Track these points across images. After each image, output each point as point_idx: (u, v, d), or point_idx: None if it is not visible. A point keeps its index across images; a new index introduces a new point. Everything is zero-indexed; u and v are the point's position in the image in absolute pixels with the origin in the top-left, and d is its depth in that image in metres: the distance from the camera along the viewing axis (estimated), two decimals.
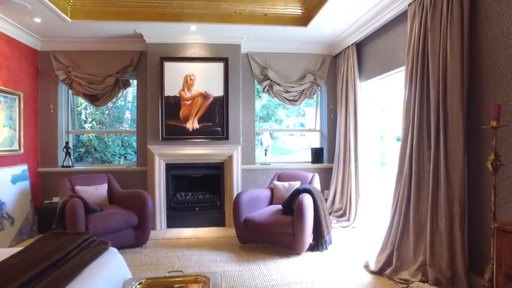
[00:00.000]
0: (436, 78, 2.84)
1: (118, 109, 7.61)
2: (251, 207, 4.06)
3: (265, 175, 5.37)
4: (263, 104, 16.71)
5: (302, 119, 17.74)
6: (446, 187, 2.69)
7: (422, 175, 2.96)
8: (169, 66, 4.75)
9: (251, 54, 5.28)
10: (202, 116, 4.80)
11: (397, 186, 3.20)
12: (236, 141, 4.89)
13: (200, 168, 4.92)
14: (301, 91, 5.35)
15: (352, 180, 4.81)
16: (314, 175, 4.52)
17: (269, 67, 5.28)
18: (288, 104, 5.37)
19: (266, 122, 16.77)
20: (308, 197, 3.70)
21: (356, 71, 4.78)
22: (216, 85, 4.82)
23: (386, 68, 4.12)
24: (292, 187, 4.34)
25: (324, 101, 5.64)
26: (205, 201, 4.87)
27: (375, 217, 4.81)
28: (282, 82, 5.29)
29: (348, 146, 4.92)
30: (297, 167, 5.44)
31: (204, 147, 4.81)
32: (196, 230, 4.68)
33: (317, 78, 5.36)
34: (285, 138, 18.71)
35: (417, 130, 2.98)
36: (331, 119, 5.55)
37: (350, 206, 4.78)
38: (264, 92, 5.31)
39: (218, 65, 4.82)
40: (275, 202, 4.35)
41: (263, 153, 5.61)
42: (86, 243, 2.20)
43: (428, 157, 2.91)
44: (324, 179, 5.41)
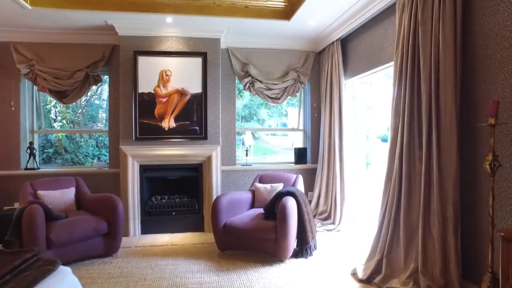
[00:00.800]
0: (427, 74, 2.66)
1: (92, 107, 7.20)
2: (231, 211, 3.80)
3: (247, 177, 5.12)
4: (245, 104, 16.50)
5: (285, 120, 17.61)
6: (439, 190, 2.52)
7: (413, 177, 2.78)
8: (143, 60, 4.42)
9: (232, 50, 5.02)
10: (179, 114, 4.50)
11: (386, 189, 3.02)
12: (215, 141, 4.62)
13: (177, 169, 4.62)
14: (284, 89, 5.13)
15: (337, 182, 4.62)
16: (298, 176, 4.31)
17: (250, 63, 5.03)
18: (270, 102, 5.14)
19: (248, 122, 16.55)
20: (292, 200, 3.48)
21: (341, 68, 4.60)
22: (194, 82, 4.53)
23: (373, 64, 3.95)
24: (274, 189, 4.11)
25: (307, 100, 5.45)
26: (183, 205, 4.58)
27: (361, 220, 4.64)
28: (264, 79, 5.06)
29: (332, 146, 4.74)
30: (280, 168, 5.22)
31: (181, 147, 4.52)
32: (173, 236, 4.38)
33: (300, 75, 5.16)
34: (268, 138, 18.57)
35: (407, 129, 2.81)
36: (314, 118, 5.36)
37: (335, 209, 4.59)
38: (245, 89, 5.06)
39: (196, 61, 4.54)
40: (257, 205, 4.11)
41: (245, 153, 5.35)
42: (26, 264, 1.84)
43: (419, 157, 2.74)
44: (308, 180, 5.21)
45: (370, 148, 4.94)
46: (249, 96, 16.84)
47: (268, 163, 5.68)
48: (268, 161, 7.33)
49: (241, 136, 14.39)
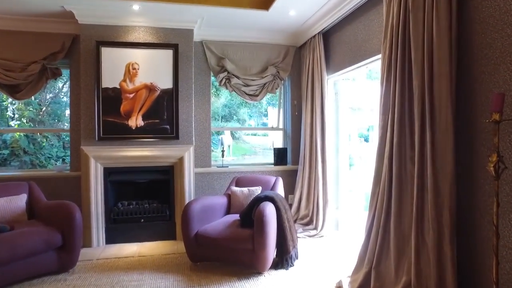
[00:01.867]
0: (419, 66, 2.40)
1: (57, 105, 6.66)
2: (204, 219, 3.44)
3: (223, 179, 4.77)
4: (224, 104, 16.12)
5: (265, 120, 17.29)
6: (433, 194, 2.25)
7: (405, 180, 2.51)
8: (107, 52, 3.99)
9: (206, 42, 4.66)
10: (147, 112, 4.09)
11: (374, 192, 2.74)
12: (188, 140, 4.24)
13: (145, 172, 4.21)
14: (262, 85, 4.81)
15: (319, 184, 4.34)
16: (277, 179, 4.00)
17: (226, 58, 4.69)
18: (247, 99, 4.81)
19: (228, 121, 16.18)
20: (271, 206, 3.16)
21: (323, 62, 4.33)
22: (164, 76, 4.14)
23: (357, 58, 3.69)
24: (252, 193, 3.78)
25: (287, 97, 5.15)
26: (152, 211, 4.18)
27: (345, 224, 4.39)
28: (241, 75, 4.72)
29: (314, 146, 4.46)
30: (258, 170, 4.90)
31: (150, 147, 4.12)
32: (141, 246, 3.97)
33: (280, 71, 4.85)
34: (248, 138, 18.23)
35: (397, 127, 2.54)
36: (295, 116, 5.07)
37: (317, 213, 4.31)
38: (220, 85, 4.71)
39: (166, 53, 4.14)
40: (233, 211, 3.77)
41: (223, 154, 4.99)
42: None
43: (411, 158, 2.48)
44: (288, 182, 4.91)
45: (352, 148, 4.70)
46: (228, 95, 16.50)
47: (246, 164, 5.34)
48: (246, 162, 7.02)
49: (220, 136, 14.04)
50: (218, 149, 14.07)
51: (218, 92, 11.69)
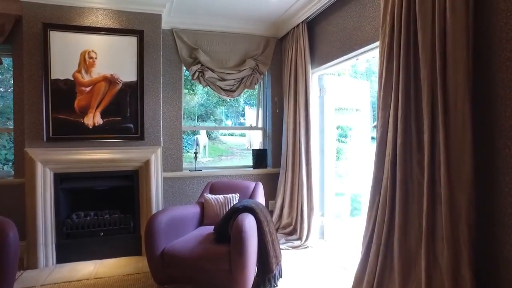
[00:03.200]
0: (429, 52, 2.01)
1: (4, 99, 5.91)
2: (173, 233, 2.93)
3: (196, 185, 4.26)
4: (201, 103, 15.51)
5: (242, 120, 16.74)
6: (448, 206, 1.86)
7: (411, 189, 2.12)
8: (58, 37, 3.39)
9: (177, 31, 4.14)
10: (107, 108, 3.53)
11: (373, 203, 2.34)
12: (155, 141, 3.70)
13: (105, 178, 3.63)
14: (240, 80, 4.35)
15: (303, 189, 3.92)
16: (257, 185, 3.54)
17: (200, 48, 4.19)
18: (223, 95, 4.33)
19: (205, 121, 15.54)
20: (250, 218, 2.70)
21: (308, 55, 3.91)
22: (127, 67, 3.58)
23: (347, 49, 3.29)
24: (229, 201, 3.31)
25: (267, 93, 4.71)
26: (114, 223, 3.61)
27: (332, 232, 4.00)
28: (217, 68, 4.23)
29: (298, 147, 4.04)
30: (236, 174, 4.43)
31: (111, 149, 3.55)
32: (100, 264, 3.41)
33: (259, 64, 4.40)
34: (225, 138, 17.62)
35: (402, 125, 2.14)
36: (276, 114, 4.63)
37: (302, 221, 3.89)
38: (193, 79, 4.20)
39: (129, 41, 3.59)
40: (207, 222, 3.28)
41: (196, 156, 4.48)
42: None
43: (418, 162, 2.08)
44: (269, 187, 4.47)
45: (340, 149, 4.32)
46: (205, 94, 15.93)
47: (222, 167, 4.84)
48: (223, 164, 6.53)
49: (195, 136, 13.45)
50: (193, 150, 13.51)
51: (194, 88, 11.08)
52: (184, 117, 15.32)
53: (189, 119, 14.68)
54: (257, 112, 4.87)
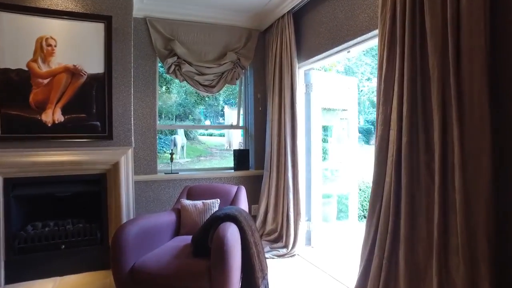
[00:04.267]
0: (439, 39, 1.76)
1: None
2: (145, 245, 2.55)
3: (172, 189, 3.89)
4: (179, 102, 14.99)
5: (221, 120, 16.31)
6: (463, 215, 1.61)
7: (418, 195, 1.86)
8: (8, 19, 2.94)
9: (151, 20, 3.76)
10: (69, 104, 3.10)
11: (374, 210, 2.07)
12: (125, 141, 3.31)
13: (68, 183, 3.20)
14: (220, 74, 4.01)
15: (289, 192, 3.63)
16: (240, 189, 3.22)
17: (176, 39, 3.82)
18: (202, 91, 3.98)
19: (183, 121, 15.03)
20: (233, 228, 2.37)
21: (294, 48, 3.62)
22: (92, 58, 3.17)
23: (338, 40, 3.02)
24: (208, 208, 2.97)
25: (249, 89, 4.40)
26: (78, 233, 3.18)
27: (319, 238, 3.73)
28: (195, 61, 3.88)
29: (283, 147, 3.75)
30: (216, 176, 4.09)
31: (74, 150, 3.12)
32: (60, 282, 2.98)
33: (241, 58, 4.08)
34: (204, 138, 17.13)
35: (407, 122, 1.88)
36: (259, 112, 4.32)
37: (288, 227, 3.59)
38: (169, 73, 3.83)
39: (95, 27, 3.18)
40: (184, 231, 2.93)
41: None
42: None
43: (427, 165, 1.82)
44: (252, 190, 4.16)
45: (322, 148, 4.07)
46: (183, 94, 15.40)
47: (201, 169, 4.48)
48: (202, 166, 6.16)
49: (172, 136, 12.95)
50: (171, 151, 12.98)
51: (169, 86, 10.61)
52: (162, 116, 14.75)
53: (166, 118, 14.18)
54: (238, 110, 4.55)
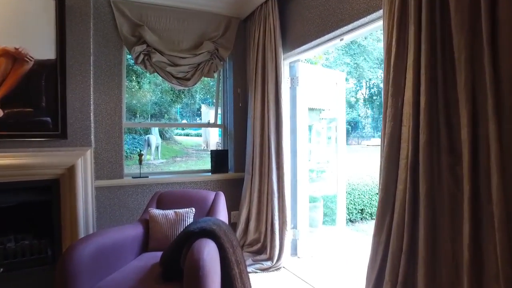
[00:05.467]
0: (466, 11, 1.42)
1: None
2: (104, 267, 2.09)
3: (141, 195, 3.42)
4: (154, 101, 14.34)
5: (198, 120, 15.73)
6: (504, 229, 1.27)
7: (440, 205, 1.52)
8: None
9: (116, 2, 3.27)
10: (10, 95, 2.58)
11: (382, 225, 1.71)
12: (83, 141, 2.82)
13: (10, 191, 2.67)
14: (196, 66, 3.57)
15: (274, 198, 3.25)
16: (218, 195, 2.81)
17: (145, 25, 3.35)
18: (175, 84, 3.53)
19: (158, 121, 14.39)
20: (211, 246, 1.95)
21: (278, 37, 3.24)
22: (41, 40, 2.66)
23: (330, 26, 2.67)
24: (181, 218, 2.54)
25: (229, 83, 3.98)
26: (23, 252, 2.67)
27: (306, 247, 3.37)
28: (167, 50, 3.42)
29: (266, 147, 3.36)
30: (191, 180, 3.64)
31: (18, 152, 2.60)
32: None
33: (219, 48, 3.66)
34: (180, 138, 16.49)
35: (426, 117, 1.53)
36: (239, 109, 3.91)
37: (273, 237, 3.21)
38: (137, 63, 3.35)
39: (44, 3, 2.67)
40: (153, 246, 2.48)
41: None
42: None
43: (450, 168, 1.48)
44: (232, 195, 3.74)
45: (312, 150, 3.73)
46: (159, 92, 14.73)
47: (174, 173, 4.01)
48: (175, 169, 5.67)
49: (146, 136, 12.31)
50: (145, 151, 12.37)
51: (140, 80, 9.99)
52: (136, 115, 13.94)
53: (142, 117, 13.52)
54: (216, 106, 4.12)
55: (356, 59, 16.26)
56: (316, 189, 4.30)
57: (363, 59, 16.32)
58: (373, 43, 25.46)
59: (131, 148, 12.55)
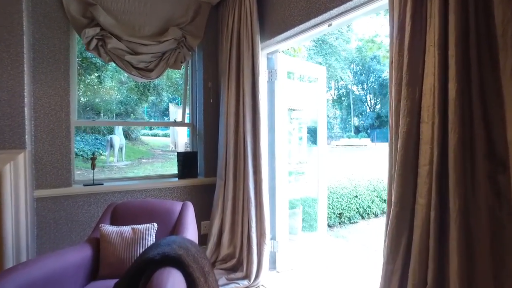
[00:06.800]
0: None
1: None
2: None
3: (95, 206, 2.89)
4: (120, 100, 13.50)
5: (167, 120, 15.08)
6: None
7: (477, 227, 1.17)
8: None
9: None
10: None
11: (396, 250, 1.34)
12: (12, 142, 2.27)
13: None
14: (160, 55, 3.10)
15: (251, 207, 2.84)
16: (186, 207, 2.36)
17: (99, 5, 2.83)
18: (135, 76, 3.03)
19: (123, 121, 13.51)
20: (176, 278, 1.52)
21: (256, 23, 2.84)
22: None
23: (316, 9, 2.30)
24: (140, 237, 2.07)
25: (198, 76, 3.53)
26: None
27: (286, 259, 3.00)
28: (126, 35, 2.92)
29: (242, 149, 2.95)
30: (155, 187, 3.16)
31: None
32: None
33: (187, 36, 3.20)
34: (148, 138, 15.72)
35: (456, 113, 1.19)
36: (210, 105, 3.47)
37: (250, 252, 2.80)
38: (90, 49, 2.82)
39: None
40: (104, 273, 2.00)
41: (93, 164, 3.07)
42: None
43: (489, 177, 1.14)
44: (202, 203, 3.31)
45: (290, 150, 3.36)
46: (125, 91, 13.89)
47: (134, 178, 3.47)
48: (136, 175, 5.14)
49: (109, 136, 11.51)
50: (107, 153, 11.53)
51: (102, 75, 9.24)
52: (100, 115, 13.01)
53: (106, 117, 12.66)
54: (184, 102, 3.65)
55: (328, 59, 16.25)
56: (294, 193, 3.98)
57: (334, 59, 16.35)
58: (343, 44, 25.80)
59: (92, 149, 11.70)
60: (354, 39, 27.92)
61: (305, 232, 4.13)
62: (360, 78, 35.04)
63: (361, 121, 36.28)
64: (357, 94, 36.59)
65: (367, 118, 35.48)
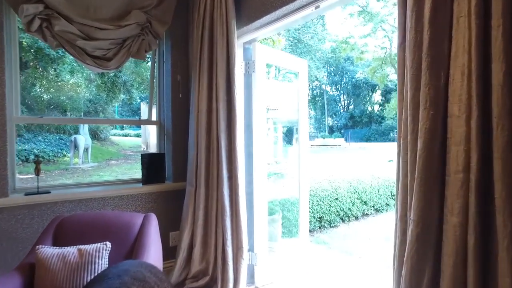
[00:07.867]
0: None
1: None
2: None
3: (39, 220, 2.43)
4: (89, 98, 12.74)
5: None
6: None
7: None
8: None
9: None
10: None
11: (417, 280, 1.03)
12: None
13: None
14: (121, 42, 2.67)
15: (225, 217, 2.48)
16: (148, 220, 1.98)
17: None
18: (91, 65, 2.59)
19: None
20: None
21: (231, 6, 2.48)
22: None
23: None
24: (88, 261, 1.67)
25: (166, 68, 3.12)
26: None
27: (264, 271, 2.67)
28: (78, 17, 2.48)
29: (215, 150, 2.58)
30: (114, 194, 2.73)
31: None
32: None
33: (153, 21, 2.79)
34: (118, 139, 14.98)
35: (503, 101, 0.88)
36: (179, 101, 3.08)
37: (225, 268, 2.44)
38: (30, 31, 2.36)
39: None
40: None
41: (37, 170, 2.60)
42: None
43: None
44: (170, 212, 2.91)
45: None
46: (94, 88, 13.11)
47: (88, 185, 2.98)
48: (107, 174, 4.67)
49: (72, 136, 10.76)
50: (71, 154, 10.78)
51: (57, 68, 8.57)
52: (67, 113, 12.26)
53: (72, 116, 11.92)
54: (150, 98, 3.24)
55: (304, 58, 16.19)
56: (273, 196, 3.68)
57: (309, 58, 16.27)
58: (318, 43, 25.90)
59: (55, 150, 10.92)
60: (328, 40, 28.16)
61: (285, 238, 3.83)
62: (334, 79, 35.51)
63: (335, 121, 36.79)
64: (331, 94, 37.07)
65: (341, 118, 36.02)
